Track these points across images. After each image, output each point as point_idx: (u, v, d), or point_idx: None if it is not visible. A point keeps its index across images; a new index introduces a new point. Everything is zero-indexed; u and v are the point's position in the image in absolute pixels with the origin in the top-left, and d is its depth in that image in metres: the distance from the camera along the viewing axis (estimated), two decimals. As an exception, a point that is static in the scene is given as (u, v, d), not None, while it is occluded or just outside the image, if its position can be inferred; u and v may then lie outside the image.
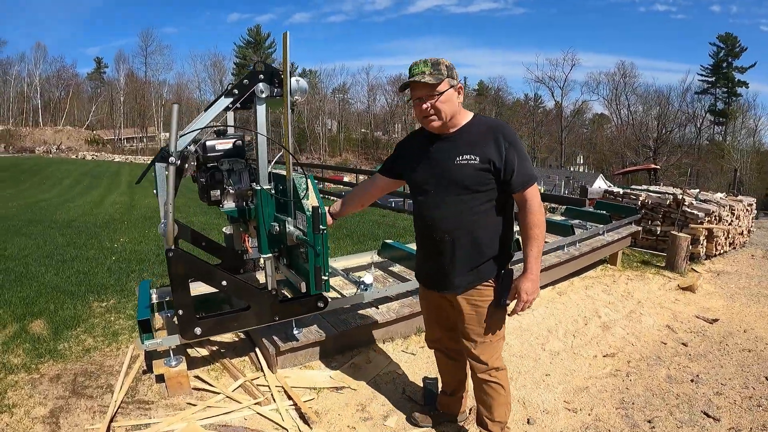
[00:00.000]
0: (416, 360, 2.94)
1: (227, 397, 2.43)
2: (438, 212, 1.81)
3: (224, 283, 2.36)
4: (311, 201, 2.14)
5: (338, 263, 3.91)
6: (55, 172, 23.60)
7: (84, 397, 2.38)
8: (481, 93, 66.51)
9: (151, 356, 2.62)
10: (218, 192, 2.53)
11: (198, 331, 2.36)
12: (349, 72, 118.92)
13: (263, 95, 2.21)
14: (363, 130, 65.39)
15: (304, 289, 2.28)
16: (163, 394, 2.45)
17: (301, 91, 2.69)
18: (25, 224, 7.00)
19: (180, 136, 2.19)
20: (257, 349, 2.88)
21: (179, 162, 1.86)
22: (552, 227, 4.85)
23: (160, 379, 2.50)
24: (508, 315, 1.91)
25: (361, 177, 24.47)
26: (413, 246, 4.58)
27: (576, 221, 5.51)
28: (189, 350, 2.85)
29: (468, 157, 1.71)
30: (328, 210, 2.23)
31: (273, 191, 2.40)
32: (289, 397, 2.44)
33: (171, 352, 2.50)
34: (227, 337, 3.02)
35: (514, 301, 1.83)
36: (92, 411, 2.30)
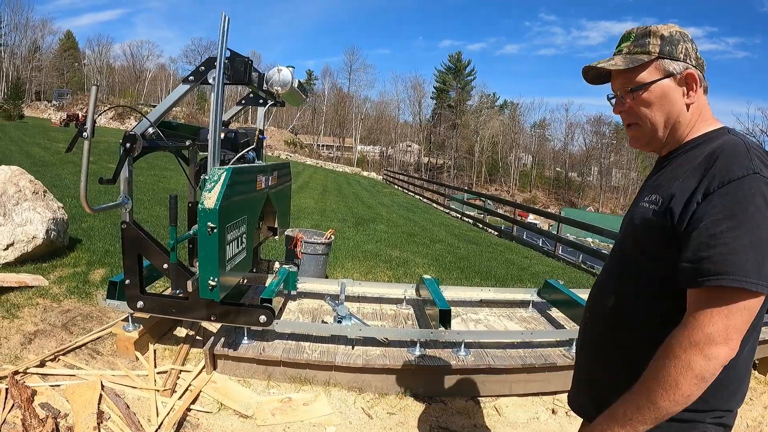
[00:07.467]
0: (365, 424, 2.46)
1: (151, 375, 2.56)
2: (599, 280, 1.23)
3: (165, 266, 2.50)
4: (208, 196, 2.10)
5: (373, 289, 3.67)
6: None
7: (66, 331, 2.82)
8: None
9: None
10: None
11: (140, 304, 2.55)
12: (548, 107, 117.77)
13: (214, 83, 2.27)
14: (557, 168, 61.41)
15: (189, 288, 2.25)
16: (115, 352, 2.74)
17: (282, 83, 2.72)
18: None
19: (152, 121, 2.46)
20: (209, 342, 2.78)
21: (93, 136, 2.09)
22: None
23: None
24: None
25: (540, 218, 21.85)
26: (474, 291, 3.89)
27: None
28: (180, 326, 3.13)
29: (653, 197, 1.03)
30: None
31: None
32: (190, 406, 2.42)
33: (130, 318, 2.76)
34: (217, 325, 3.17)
35: None
36: (61, 342, 2.69)
